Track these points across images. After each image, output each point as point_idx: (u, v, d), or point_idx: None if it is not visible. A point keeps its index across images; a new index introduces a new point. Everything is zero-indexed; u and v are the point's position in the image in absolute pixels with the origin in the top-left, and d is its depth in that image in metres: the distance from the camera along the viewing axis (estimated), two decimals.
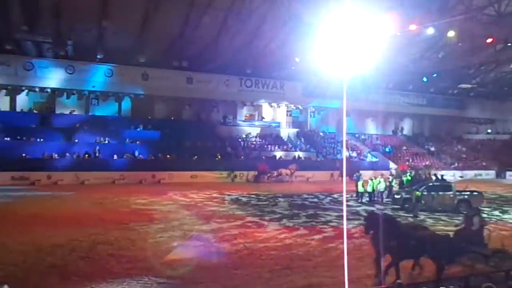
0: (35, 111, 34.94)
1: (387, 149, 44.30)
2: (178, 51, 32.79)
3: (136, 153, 33.00)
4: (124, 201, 21.44)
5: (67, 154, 30.50)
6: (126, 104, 37.93)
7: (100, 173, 29.53)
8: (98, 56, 32.41)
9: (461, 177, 40.19)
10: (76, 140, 32.30)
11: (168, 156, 33.43)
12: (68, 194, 23.58)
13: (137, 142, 34.20)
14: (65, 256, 11.37)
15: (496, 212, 20.70)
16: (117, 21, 28.40)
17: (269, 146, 39.14)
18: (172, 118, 39.06)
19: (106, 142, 33.21)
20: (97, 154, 31.37)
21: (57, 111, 35.52)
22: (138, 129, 35.73)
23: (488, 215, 19.78)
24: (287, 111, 43.98)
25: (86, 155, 30.86)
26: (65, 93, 34.75)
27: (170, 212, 18.63)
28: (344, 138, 40.58)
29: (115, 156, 31.71)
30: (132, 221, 16.11)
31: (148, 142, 34.57)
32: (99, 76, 34.84)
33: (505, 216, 19.75)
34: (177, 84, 37.00)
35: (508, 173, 42.54)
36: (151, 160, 32.68)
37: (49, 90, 34.19)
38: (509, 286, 4.54)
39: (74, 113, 35.63)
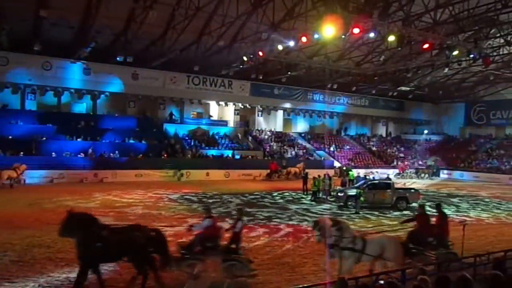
0: None
1: (332, 148, 45.68)
2: (123, 46, 31.67)
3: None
4: (63, 201, 20.43)
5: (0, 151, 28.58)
6: (66, 99, 36.20)
7: (37, 171, 27.89)
8: (35, 48, 30.53)
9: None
10: (10, 137, 30.33)
11: (111, 154, 32.35)
12: (0, 194, 22.09)
13: (78, 139, 32.82)
14: None
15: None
16: (57, 11, 26.89)
17: (217, 144, 39.06)
18: (116, 115, 37.90)
19: (44, 139, 31.51)
20: (34, 152, 29.64)
21: None
22: (79, 126, 34.22)
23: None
24: (235, 109, 44.07)
25: (21, 153, 29.04)
26: None
27: (113, 211, 18.04)
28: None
29: (53, 153, 30.15)
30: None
31: (90, 139, 33.31)
32: (36, 69, 32.90)
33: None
34: (122, 80, 35.91)
35: (441, 171, 45.33)
36: (93, 158, 31.40)
37: None
38: (440, 277, 4.83)
39: (7, 108, 33.51)
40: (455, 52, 26.02)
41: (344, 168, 37.41)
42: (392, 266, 8.90)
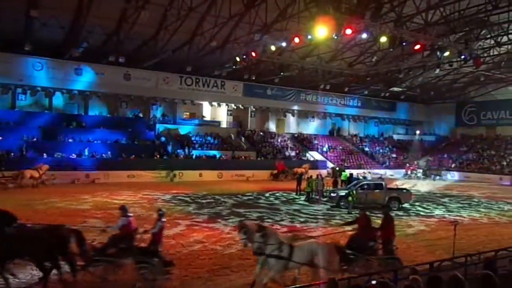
0: None
1: (324, 149, 45.80)
2: (115, 46, 31.50)
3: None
4: (54, 202, 20.28)
5: None
6: (58, 100, 35.91)
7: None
8: (26, 48, 30.30)
9: (391, 175, 42.61)
10: (0, 138, 30.00)
11: (103, 154, 32.18)
12: None
13: (70, 140, 32.59)
14: None
15: (419, 208, 22.24)
16: (48, 11, 26.69)
17: (210, 145, 38.97)
18: (109, 115, 37.67)
19: (34, 140, 31.22)
20: (24, 153, 29.35)
21: None
22: (71, 127, 33.97)
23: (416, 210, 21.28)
24: (228, 110, 44.01)
25: (12, 153, 28.76)
26: None
27: (104, 213, 17.90)
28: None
29: (44, 154, 29.87)
30: (62, 223, 15.21)
31: (82, 140, 33.11)
32: (27, 69, 32.61)
33: (436, 212, 21.24)
34: (114, 80, 35.70)
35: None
36: (84, 159, 31.18)
37: None
38: (432, 276, 4.86)
39: None
40: (446, 53, 26.24)
41: (337, 168, 37.52)
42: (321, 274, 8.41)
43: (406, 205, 22.11)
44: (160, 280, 8.91)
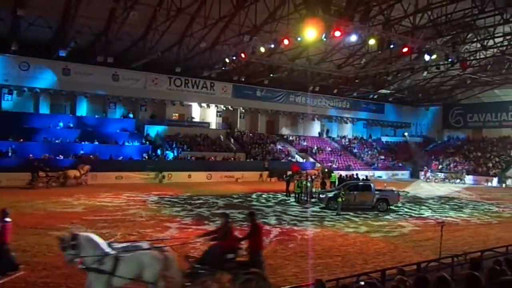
0: None
1: (313, 150, 45.95)
2: (103, 47, 31.26)
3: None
4: (40, 204, 20.02)
5: None
6: (45, 100, 35.45)
7: (14, 174, 27.15)
8: (13, 48, 29.91)
9: (379, 177, 42.94)
10: None
11: (91, 156, 31.86)
12: None
13: (57, 141, 32.21)
14: None
15: (406, 209, 22.42)
16: (35, 11, 26.38)
17: (199, 146, 38.85)
18: (96, 116, 37.33)
19: (21, 141, 30.80)
20: (10, 154, 28.93)
21: None
22: (58, 127, 33.60)
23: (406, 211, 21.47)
24: (217, 111, 43.94)
25: None
26: None
27: (91, 214, 17.72)
28: None
29: (31, 155, 29.47)
30: (49, 226, 15.07)
31: (70, 141, 32.76)
32: (12, 69, 32.16)
33: (425, 213, 21.47)
34: (102, 81, 35.38)
35: (421, 173, 46.03)
36: (71, 160, 30.83)
37: None
38: (419, 277, 4.90)
39: None
40: (434, 56, 26.54)
41: (326, 170, 37.69)
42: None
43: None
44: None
